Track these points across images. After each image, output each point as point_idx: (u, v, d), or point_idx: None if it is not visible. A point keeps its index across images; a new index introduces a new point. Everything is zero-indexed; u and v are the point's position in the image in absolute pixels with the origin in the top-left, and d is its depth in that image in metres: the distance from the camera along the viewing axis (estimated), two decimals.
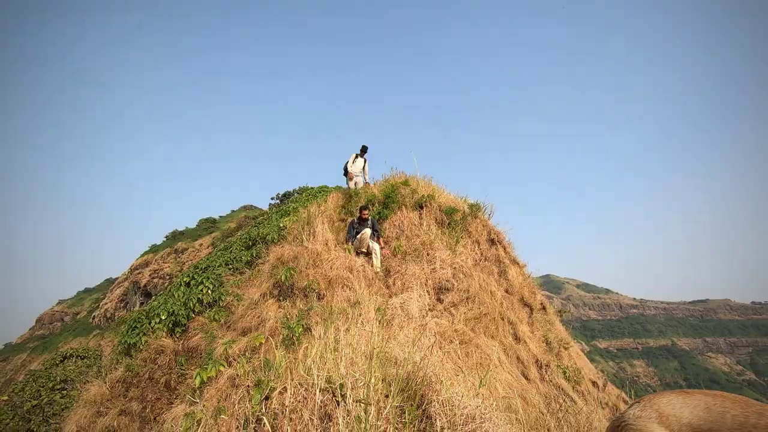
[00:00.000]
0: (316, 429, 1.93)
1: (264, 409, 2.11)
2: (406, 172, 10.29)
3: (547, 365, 6.29)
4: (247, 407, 2.22)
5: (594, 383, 8.63)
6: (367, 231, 7.38)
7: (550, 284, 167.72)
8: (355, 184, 10.16)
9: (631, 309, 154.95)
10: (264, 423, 1.93)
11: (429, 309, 5.77)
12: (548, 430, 3.74)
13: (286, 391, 2.20)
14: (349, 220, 8.11)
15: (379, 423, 2.05)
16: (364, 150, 10.52)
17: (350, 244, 7.43)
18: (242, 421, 2.05)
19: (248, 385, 2.73)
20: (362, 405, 2.09)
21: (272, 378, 2.45)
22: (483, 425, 2.18)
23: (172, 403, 6.55)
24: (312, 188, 16.90)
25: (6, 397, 9.69)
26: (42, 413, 9.17)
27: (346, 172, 10.35)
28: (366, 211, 7.59)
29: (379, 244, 7.49)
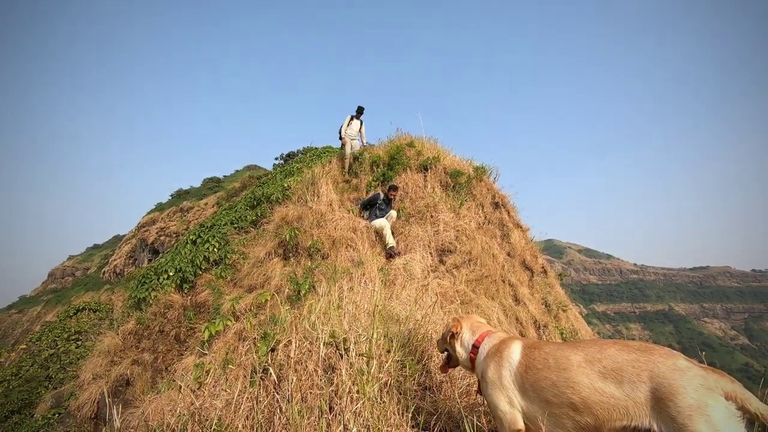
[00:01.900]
0: (320, 379, 2.02)
1: (270, 360, 2.21)
2: (412, 133, 10.13)
3: (545, 326, 6.45)
4: (253, 358, 2.32)
5: None
6: (393, 213, 7.06)
7: (552, 249, 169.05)
8: (351, 147, 9.70)
9: (632, 274, 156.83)
10: (270, 373, 2.02)
11: (431, 270, 5.86)
12: None
13: (291, 343, 2.29)
14: (372, 193, 7.52)
15: (380, 375, 2.13)
16: (360, 111, 9.94)
17: (365, 218, 7.17)
18: (249, 371, 2.14)
19: (255, 338, 2.85)
20: (365, 358, 2.18)
21: (278, 331, 2.54)
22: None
23: (182, 355, 6.85)
24: (316, 148, 16.75)
25: (24, 346, 10.12)
26: (59, 361, 9.62)
27: (341, 137, 9.84)
28: (394, 192, 7.20)
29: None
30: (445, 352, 2.24)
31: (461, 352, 2.11)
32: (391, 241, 6.50)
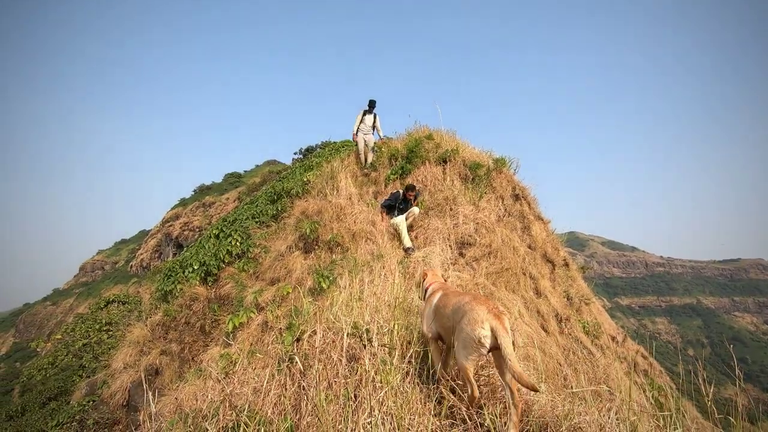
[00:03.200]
0: (344, 368, 2.09)
1: (296, 350, 2.28)
2: (430, 126, 10.06)
3: (567, 319, 6.38)
4: (279, 348, 2.39)
5: (613, 338, 8.74)
6: (416, 210, 6.94)
7: (575, 241, 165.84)
8: (365, 143, 9.50)
9: (657, 267, 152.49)
10: (296, 361, 2.09)
11: (451, 263, 5.86)
12: (565, 378, 3.86)
13: (315, 334, 2.36)
14: (391, 193, 7.37)
15: (402, 365, 2.21)
16: (372, 105, 9.72)
17: (384, 215, 7.10)
18: (276, 360, 2.21)
19: (280, 328, 2.94)
20: (386, 349, 2.25)
21: (302, 322, 2.61)
22: None
23: (207, 346, 7.05)
24: (335, 143, 16.85)
25: (60, 336, 10.58)
26: (92, 351, 10.03)
27: (354, 133, 9.59)
28: (411, 193, 6.98)
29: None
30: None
31: (421, 293, 3.03)
32: (407, 242, 6.45)
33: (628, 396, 1.93)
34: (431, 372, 2.36)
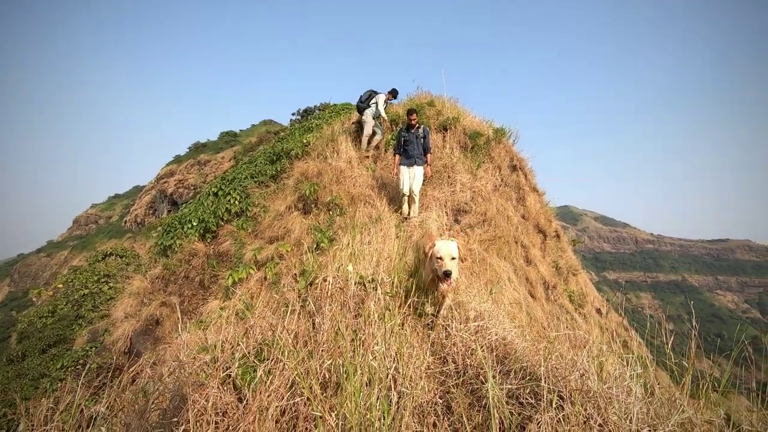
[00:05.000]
0: (351, 312, 2.30)
1: (308, 293, 2.47)
2: (433, 92, 9.99)
3: (554, 287, 6.66)
4: (292, 294, 2.59)
5: (598, 310, 9.11)
6: (420, 174, 6.28)
7: (568, 215, 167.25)
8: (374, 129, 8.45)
9: (647, 244, 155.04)
10: (309, 303, 2.29)
11: (446, 229, 6.03)
12: (548, 341, 4.12)
13: (325, 280, 2.56)
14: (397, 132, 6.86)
15: (403, 310, 2.43)
16: (394, 95, 8.76)
17: (396, 157, 6.46)
18: (291, 301, 2.39)
19: (295, 273, 3.15)
20: (390, 296, 2.45)
21: (314, 270, 2.81)
22: (490, 321, 2.51)
23: (206, 300, 7.30)
24: (335, 105, 16.62)
25: (61, 285, 10.78)
26: (92, 301, 10.28)
27: (378, 115, 8.41)
28: (414, 116, 6.41)
29: (427, 161, 6.39)
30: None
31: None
32: (405, 209, 6.20)
33: (599, 340, 2.16)
34: (426, 323, 2.62)
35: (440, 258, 2.72)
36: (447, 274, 2.59)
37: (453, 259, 2.73)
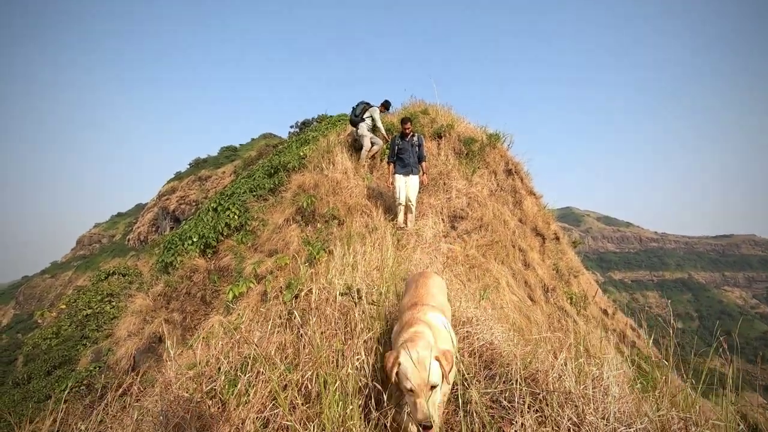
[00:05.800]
0: (337, 322, 2.33)
1: (294, 305, 2.51)
2: (426, 100, 10.10)
3: (553, 289, 6.65)
4: (279, 308, 2.63)
5: (604, 311, 9.08)
6: (414, 184, 6.21)
7: (570, 216, 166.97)
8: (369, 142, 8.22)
9: (651, 242, 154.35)
10: (294, 315, 2.32)
11: (443, 235, 6.06)
12: (532, 344, 4.14)
13: (311, 293, 2.59)
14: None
15: (388, 318, 2.46)
16: (387, 107, 8.71)
17: (391, 165, 6.42)
18: (278, 315, 2.43)
19: (281, 287, 3.18)
20: (375, 306, 2.48)
21: (300, 283, 2.84)
22: (477, 326, 2.53)
23: (208, 315, 7.32)
24: (331, 117, 16.77)
25: (64, 306, 10.82)
26: (96, 321, 10.32)
27: (377, 127, 8.27)
28: (408, 125, 6.37)
29: (422, 169, 6.38)
30: None
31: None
32: (400, 218, 6.18)
33: (580, 344, 2.19)
34: None
35: (411, 390, 1.65)
36: (425, 428, 1.57)
37: (434, 388, 1.66)
